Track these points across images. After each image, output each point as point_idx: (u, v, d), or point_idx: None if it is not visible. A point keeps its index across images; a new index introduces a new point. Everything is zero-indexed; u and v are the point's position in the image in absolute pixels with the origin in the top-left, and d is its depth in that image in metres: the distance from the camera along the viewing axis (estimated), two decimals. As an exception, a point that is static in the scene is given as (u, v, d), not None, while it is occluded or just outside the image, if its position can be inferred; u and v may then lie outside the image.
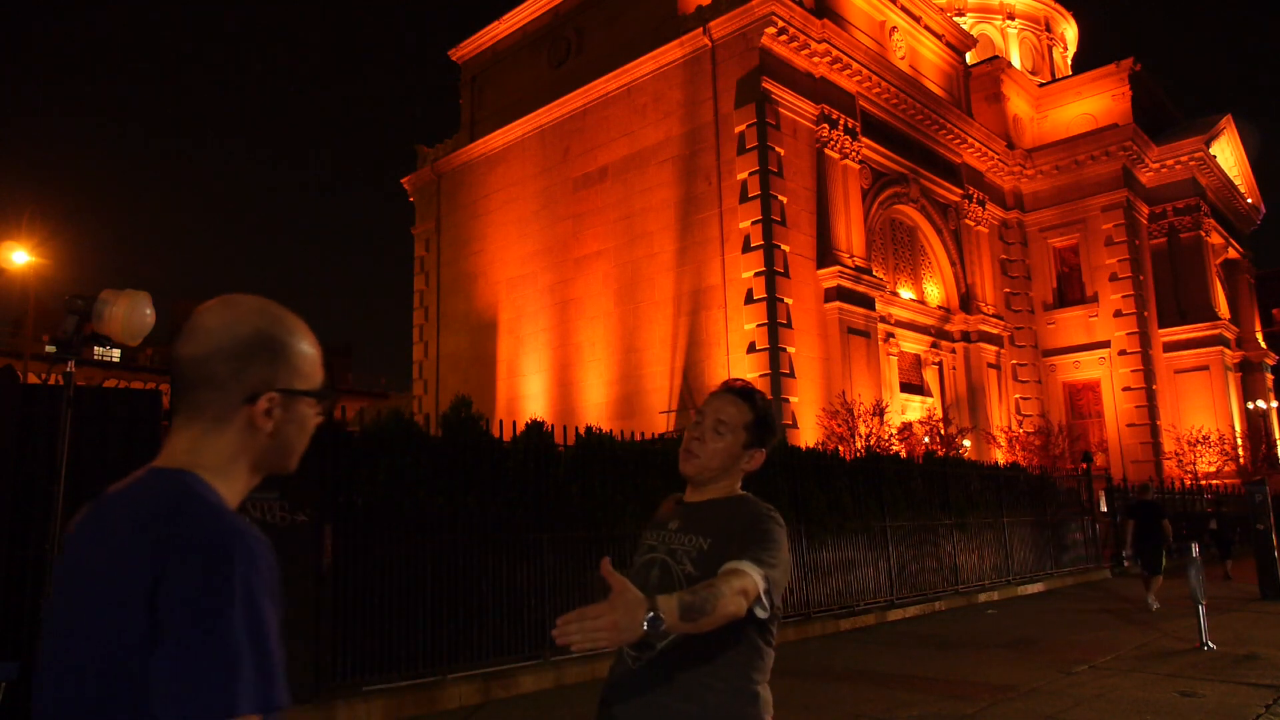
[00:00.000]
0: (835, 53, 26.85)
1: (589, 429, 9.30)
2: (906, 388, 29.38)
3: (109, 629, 1.07)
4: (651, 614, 1.60)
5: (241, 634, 1.03)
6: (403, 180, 36.83)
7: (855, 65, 27.60)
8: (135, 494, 1.16)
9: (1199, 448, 33.04)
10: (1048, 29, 48.01)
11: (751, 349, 23.63)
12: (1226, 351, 37.74)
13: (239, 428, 1.20)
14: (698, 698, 1.88)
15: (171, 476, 1.17)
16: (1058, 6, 48.52)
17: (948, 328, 31.71)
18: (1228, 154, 42.35)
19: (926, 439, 25.67)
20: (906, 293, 30.48)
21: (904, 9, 31.59)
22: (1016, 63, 43.63)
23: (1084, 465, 20.94)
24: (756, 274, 23.85)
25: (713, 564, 1.90)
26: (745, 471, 2.14)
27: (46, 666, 1.17)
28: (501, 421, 8.72)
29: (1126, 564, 17.49)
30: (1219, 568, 18.30)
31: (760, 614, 1.85)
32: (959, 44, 34.89)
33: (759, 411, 2.14)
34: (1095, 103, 38.54)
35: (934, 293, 32.08)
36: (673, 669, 1.90)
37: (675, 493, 2.25)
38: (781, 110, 25.28)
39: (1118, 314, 34.86)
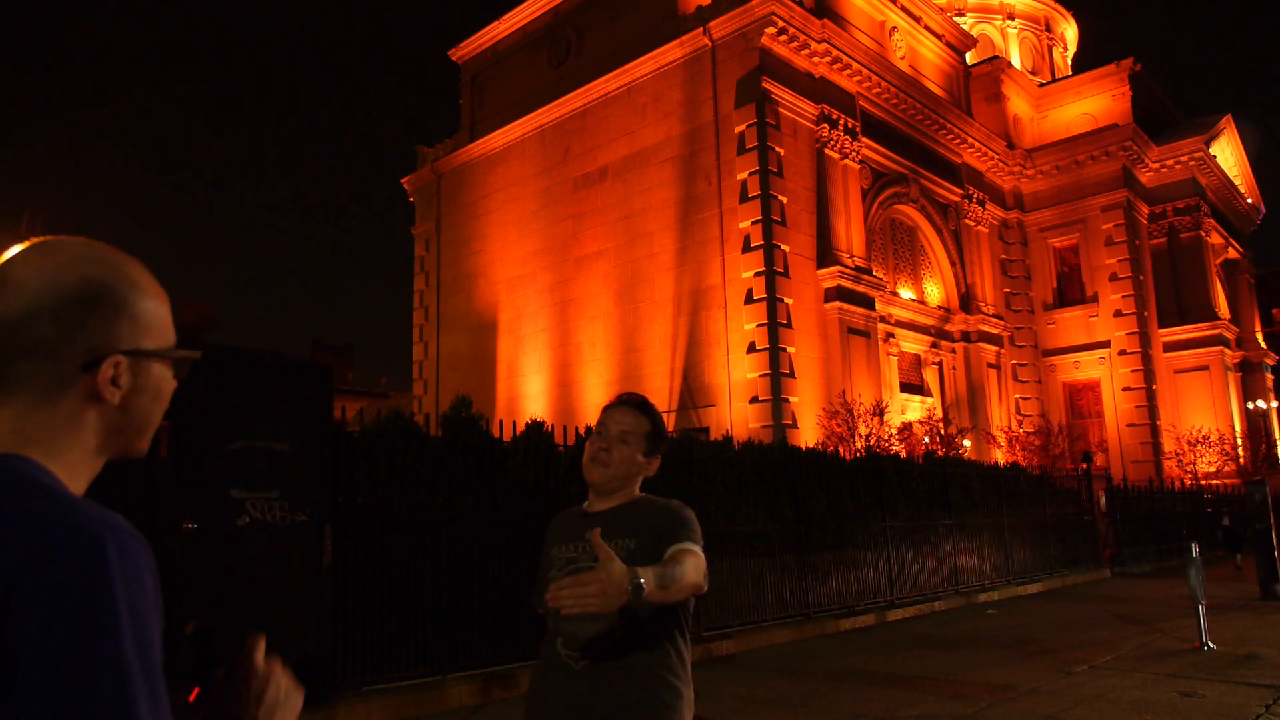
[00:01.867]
0: (835, 53, 26.85)
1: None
2: (906, 388, 29.39)
3: None
4: (636, 581, 1.78)
5: (132, 658, 0.80)
6: (403, 180, 36.84)
7: (855, 65, 27.61)
8: None
9: (1199, 448, 33.04)
10: (1048, 29, 48.02)
11: (751, 349, 23.63)
12: (1226, 351, 37.74)
13: (76, 401, 0.96)
14: (644, 685, 2.06)
15: None
16: (1058, 6, 48.53)
17: (948, 328, 31.71)
18: (1228, 154, 42.36)
19: (926, 439, 25.67)
20: (906, 293, 30.48)
21: (904, 9, 31.60)
22: (1016, 63, 43.63)
23: (1084, 465, 20.96)
24: (756, 274, 23.85)
25: (644, 561, 2.05)
26: (644, 477, 2.29)
27: None
28: (501, 421, 8.72)
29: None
30: (1229, 562, 18.35)
31: (704, 587, 2.07)
32: (959, 44, 34.89)
33: (655, 422, 2.30)
34: (1095, 103, 38.55)
35: (934, 293, 32.08)
36: (612, 666, 2.07)
37: (566, 505, 2.40)
38: (781, 110, 25.29)
39: (1118, 314, 34.86)
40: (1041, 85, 40.80)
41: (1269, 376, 42.81)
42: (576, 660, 2.10)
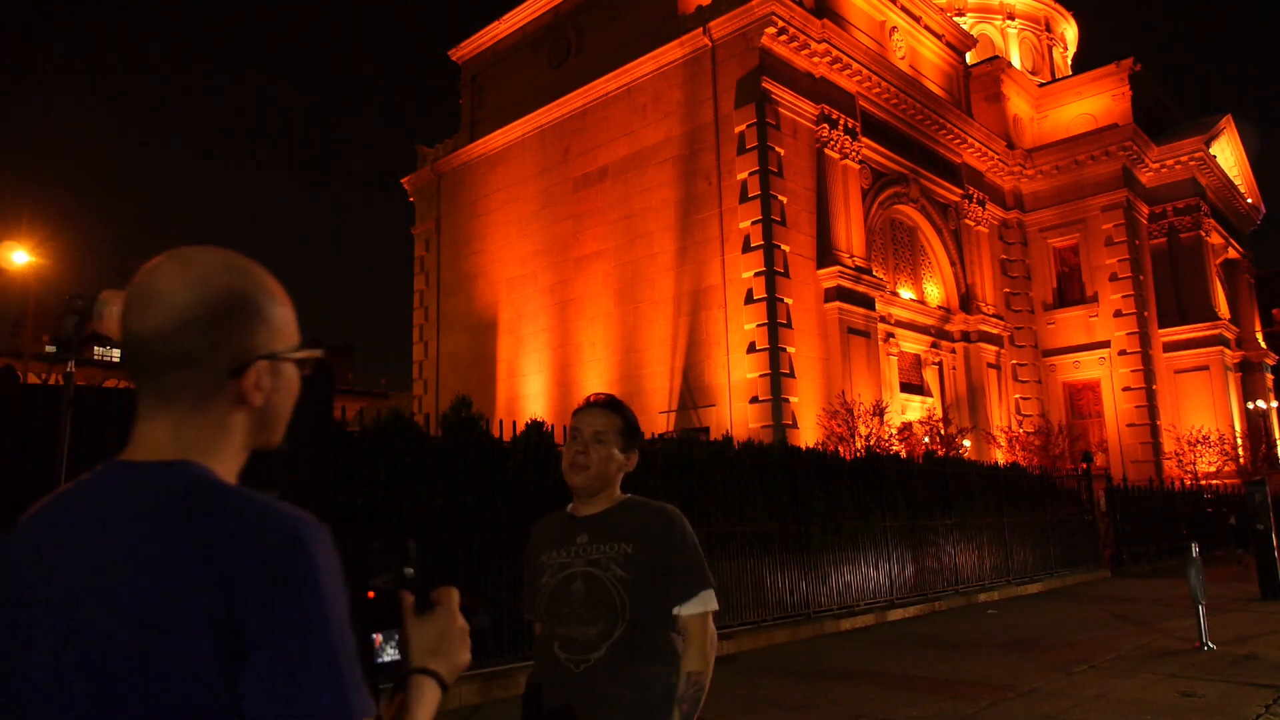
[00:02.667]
0: (835, 53, 26.85)
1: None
2: (906, 388, 29.38)
3: (159, 667, 0.86)
4: None
5: (337, 638, 0.90)
6: (403, 180, 36.83)
7: (855, 65, 27.60)
8: (131, 496, 0.95)
9: (1199, 448, 33.03)
10: (1048, 29, 48.00)
11: (751, 349, 23.63)
12: (1226, 351, 37.73)
13: (225, 405, 1.03)
14: (641, 684, 2.11)
15: (174, 470, 0.97)
16: (1058, 6, 48.51)
17: (948, 328, 31.70)
18: (1228, 154, 42.34)
19: (926, 439, 25.66)
20: (906, 293, 30.47)
21: (904, 9, 31.59)
22: (1016, 63, 43.61)
23: (1084, 465, 20.95)
24: (756, 274, 23.85)
25: (640, 565, 2.15)
26: (624, 473, 2.32)
27: None
28: (501, 421, 8.72)
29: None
30: (1234, 560, 18.38)
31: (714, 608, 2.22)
32: (959, 44, 34.88)
33: (626, 418, 2.34)
34: (1095, 103, 38.53)
35: (934, 293, 32.07)
36: (615, 669, 2.11)
37: (566, 504, 2.41)
38: (781, 110, 25.28)
39: (1118, 314, 34.84)
40: (1041, 85, 40.78)
41: (1269, 376, 42.80)
42: (577, 663, 2.12)
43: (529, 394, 29.21)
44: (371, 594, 1.13)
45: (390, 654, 1.13)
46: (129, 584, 0.89)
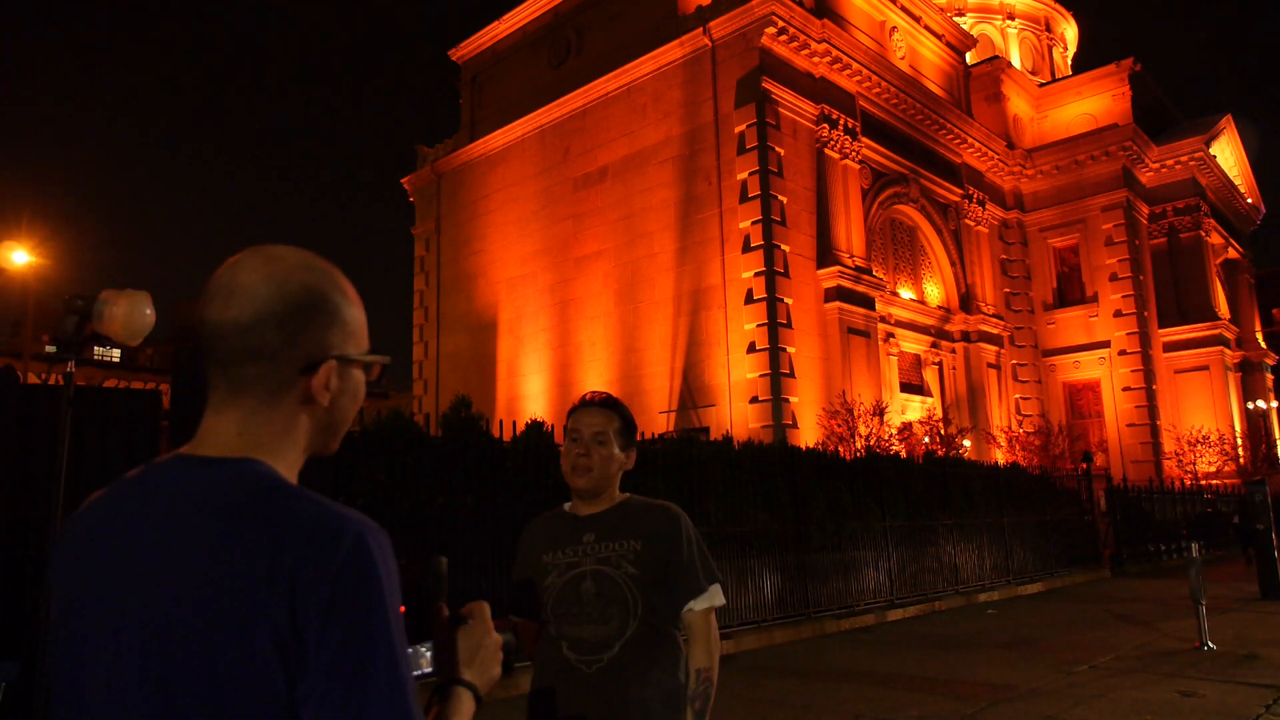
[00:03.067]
0: (835, 53, 26.85)
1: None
2: (906, 388, 29.38)
3: (219, 661, 0.88)
4: None
5: (397, 639, 0.90)
6: (403, 180, 36.83)
7: (855, 65, 27.60)
8: (199, 492, 0.96)
9: (1199, 448, 33.04)
10: (1048, 29, 48.01)
11: (751, 349, 23.63)
12: (1226, 351, 37.73)
13: (293, 403, 1.03)
14: (655, 682, 2.12)
15: (242, 467, 0.97)
16: (1058, 6, 48.51)
17: (948, 328, 31.70)
18: (1228, 154, 42.34)
19: (926, 439, 25.66)
20: (906, 293, 30.47)
21: (904, 9, 31.59)
22: (1016, 63, 43.62)
23: (1084, 465, 20.95)
24: (756, 274, 23.85)
25: (650, 562, 2.16)
26: (624, 471, 2.31)
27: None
28: (501, 421, 8.72)
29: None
30: (1239, 558, 18.37)
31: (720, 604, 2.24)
32: (959, 44, 34.88)
33: (623, 416, 2.32)
34: (1095, 103, 38.53)
35: (934, 293, 32.07)
36: (628, 668, 2.11)
37: (562, 503, 2.41)
38: (781, 110, 25.28)
39: (1118, 314, 34.85)
40: (1041, 85, 40.78)
41: (1269, 376, 42.81)
42: (589, 664, 2.11)
43: (529, 394, 29.21)
44: (402, 609, 1.12)
45: (424, 667, 1.13)
46: (195, 578, 0.90)
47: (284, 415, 1.03)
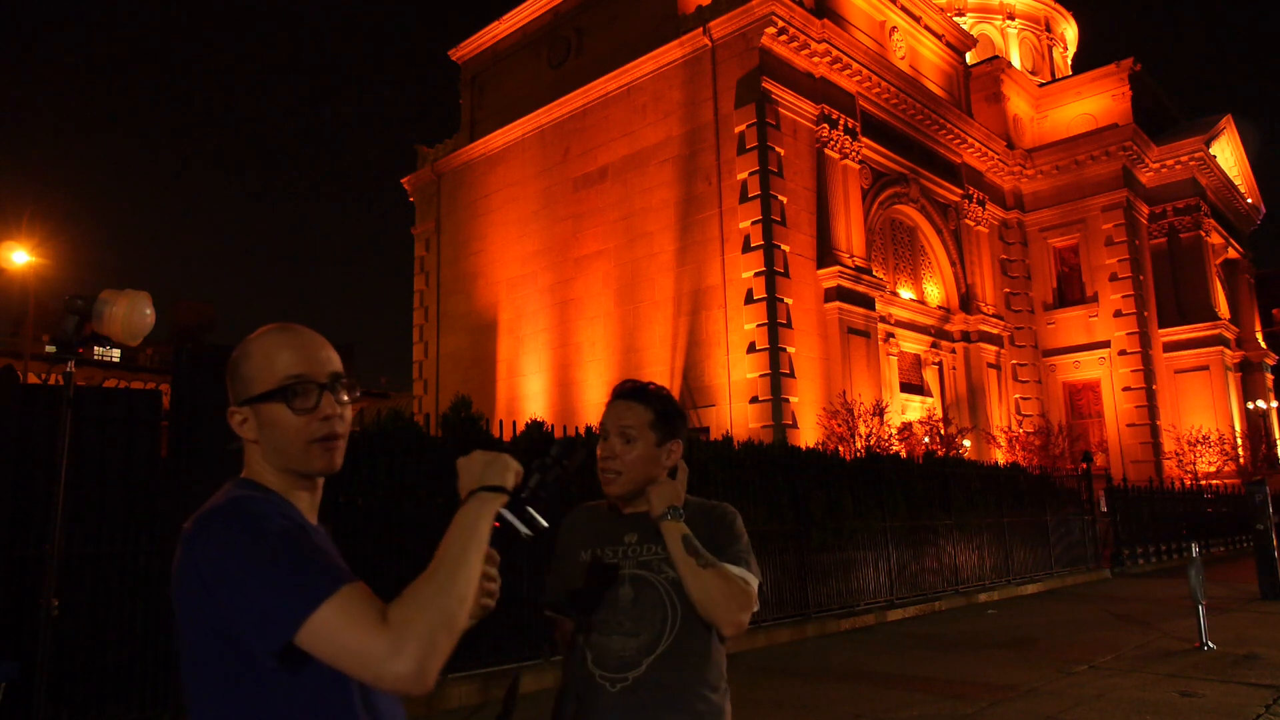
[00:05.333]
0: (835, 53, 26.85)
1: (589, 429, 9.29)
2: (906, 388, 29.38)
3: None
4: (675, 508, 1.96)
5: (265, 553, 1.18)
6: (403, 180, 36.83)
7: (855, 65, 27.60)
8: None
9: (1199, 448, 33.04)
10: (1048, 29, 48.01)
11: (751, 349, 23.63)
12: (1226, 351, 37.73)
13: (243, 440, 1.37)
14: (687, 707, 1.91)
15: (226, 486, 1.36)
16: (1058, 6, 48.51)
17: (948, 328, 31.70)
18: (1228, 154, 42.34)
19: (926, 439, 25.67)
20: (906, 293, 30.48)
21: (904, 9, 31.59)
22: (1016, 63, 43.62)
23: (1084, 465, 20.92)
24: (756, 274, 23.85)
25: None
26: (668, 468, 2.07)
27: None
28: (501, 421, 8.72)
29: None
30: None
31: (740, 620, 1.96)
32: (959, 44, 34.89)
33: (656, 406, 2.05)
34: (1095, 103, 38.53)
35: (934, 293, 32.07)
36: (657, 690, 1.90)
37: (576, 503, 2.24)
38: (781, 110, 25.28)
39: (1118, 314, 34.85)
40: (1041, 85, 40.79)
41: (1269, 376, 42.81)
42: (614, 682, 1.91)
43: (529, 394, 29.21)
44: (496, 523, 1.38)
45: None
46: None
47: (246, 449, 1.38)
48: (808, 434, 22.66)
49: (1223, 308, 39.84)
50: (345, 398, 1.40)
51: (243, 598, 1.16)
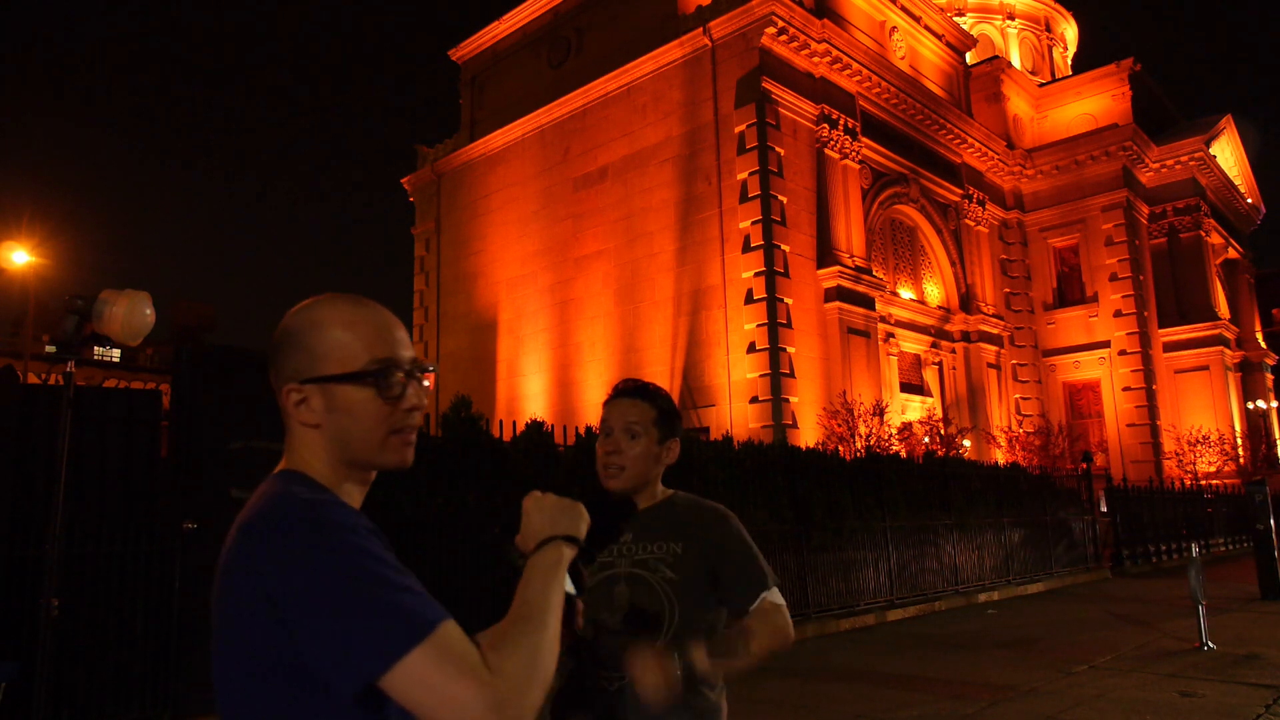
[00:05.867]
0: (835, 53, 26.85)
1: (589, 429, 9.29)
2: (906, 388, 29.38)
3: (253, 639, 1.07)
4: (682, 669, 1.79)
5: (354, 575, 1.02)
6: (403, 180, 36.84)
7: (855, 65, 27.60)
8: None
9: (1199, 448, 33.04)
10: (1048, 29, 48.01)
11: (751, 349, 23.63)
12: (1226, 351, 37.73)
13: (294, 424, 1.21)
14: (684, 705, 1.90)
15: (275, 477, 1.20)
16: (1058, 6, 48.52)
17: (948, 328, 31.70)
18: (1228, 154, 42.35)
19: (926, 439, 25.67)
20: (906, 293, 30.48)
21: (904, 9, 31.59)
22: (1016, 63, 43.63)
23: (1084, 465, 20.92)
24: (756, 274, 23.85)
25: (691, 567, 1.96)
26: (666, 466, 2.10)
27: None
28: (501, 421, 8.72)
29: None
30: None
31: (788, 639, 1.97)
32: (959, 44, 34.89)
33: (660, 404, 2.09)
34: (1095, 103, 38.54)
35: (934, 293, 32.08)
36: None
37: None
38: (781, 110, 25.28)
39: (1118, 314, 34.85)
40: (1041, 85, 40.79)
41: (1269, 376, 42.81)
42: (610, 680, 1.92)
43: (529, 394, 29.21)
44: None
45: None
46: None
47: (294, 434, 1.21)
48: (808, 434, 22.66)
49: (1223, 308, 39.84)
50: (427, 384, 1.28)
51: (324, 626, 1.01)
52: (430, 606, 1.04)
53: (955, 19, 37.70)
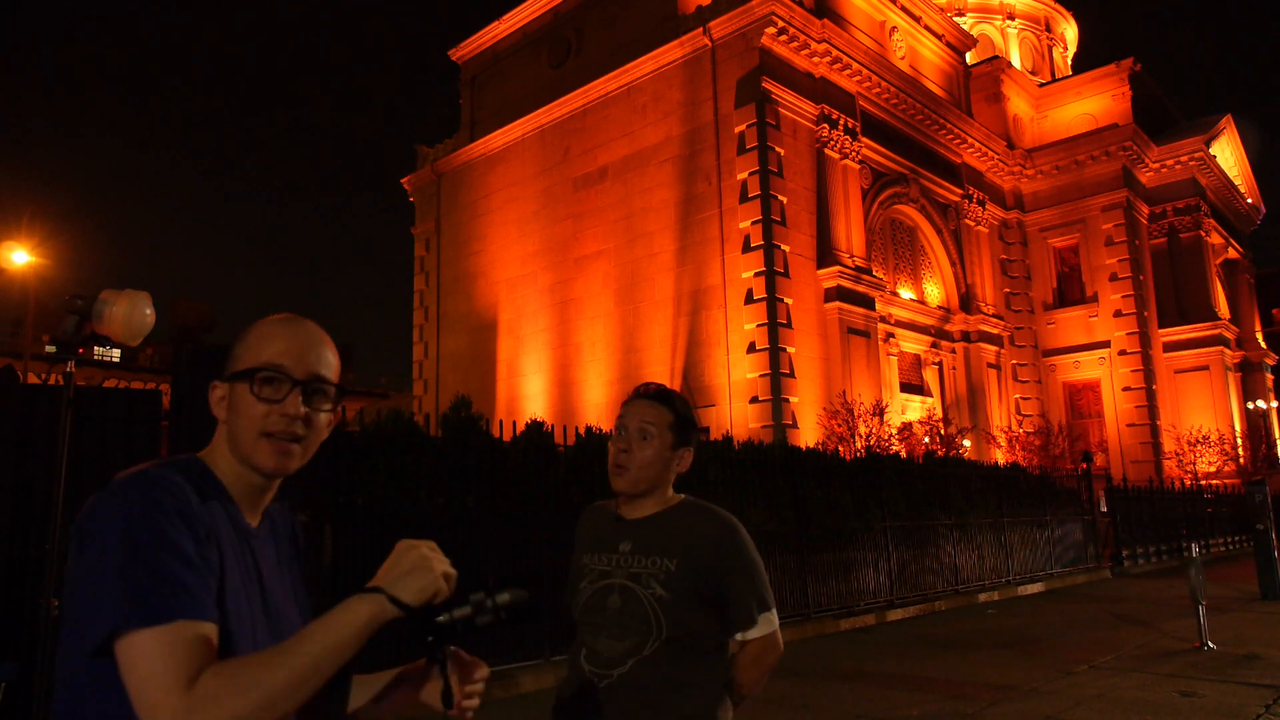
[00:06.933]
0: (835, 53, 26.85)
1: (589, 429, 9.29)
2: (906, 388, 29.38)
3: None
4: None
5: (130, 547, 1.08)
6: (403, 180, 36.83)
7: (855, 65, 27.60)
8: None
9: (1199, 448, 33.03)
10: (1048, 29, 48.01)
11: (751, 349, 23.63)
12: (1226, 351, 37.73)
13: (218, 419, 1.32)
14: (672, 707, 1.94)
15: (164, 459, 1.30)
16: (1058, 6, 48.51)
17: (948, 328, 31.70)
18: (1228, 154, 42.35)
19: (926, 439, 25.66)
20: (906, 293, 30.48)
21: (904, 9, 31.59)
22: (1016, 63, 43.62)
23: (1084, 465, 20.93)
24: (756, 274, 23.85)
25: (684, 584, 1.96)
26: (677, 474, 2.11)
27: None
28: (501, 421, 8.72)
29: None
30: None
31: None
32: (959, 44, 34.88)
33: (679, 411, 2.09)
34: (1095, 103, 38.53)
35: (934, 293, 32.07)
36: (643, 688, 1.93)
37: (567, 506, 2.26)
38: (781, 110, 25.28)
39: (1118, 314, 34.85)
40: (1041, 85, 40.79)
41: (1269, 376, 42.82)
42: (601, 678, 1.96)
43: (529, 394, 29.21)
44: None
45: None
46: None
47: (218, 429, 1.32)
48: (808, 434, 22.66)
49: (1223, 308, 39.84)
50: (322, 405, 1.31)
51: (87, 577, 1.08)
52: (190, 603, 1.07)
53: (955, 19, 37.69)
